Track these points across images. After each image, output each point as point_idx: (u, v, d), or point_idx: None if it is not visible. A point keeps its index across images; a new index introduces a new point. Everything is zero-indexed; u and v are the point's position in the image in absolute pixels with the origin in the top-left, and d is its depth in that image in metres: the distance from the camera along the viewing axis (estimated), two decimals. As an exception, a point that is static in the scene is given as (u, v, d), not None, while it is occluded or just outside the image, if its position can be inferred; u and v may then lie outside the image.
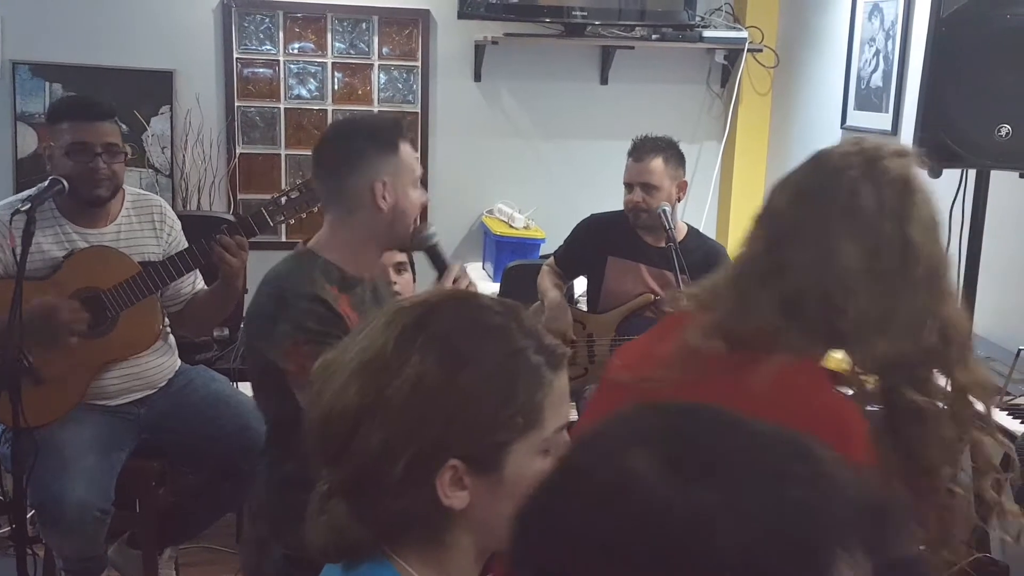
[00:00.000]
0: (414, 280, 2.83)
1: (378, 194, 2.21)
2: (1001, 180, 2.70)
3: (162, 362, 3.08)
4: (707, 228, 4.64)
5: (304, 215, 2.88)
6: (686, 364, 1.51)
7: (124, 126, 4.47)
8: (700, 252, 3.41)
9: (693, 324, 1.56)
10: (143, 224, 3.04)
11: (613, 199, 3.62)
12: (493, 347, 1.15)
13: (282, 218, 2.86)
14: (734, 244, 1.73)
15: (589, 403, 1.74)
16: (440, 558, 1.16)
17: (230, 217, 3.06)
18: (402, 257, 2.79)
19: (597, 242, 3.60)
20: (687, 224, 3.65)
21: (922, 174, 1.52)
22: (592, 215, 3.70)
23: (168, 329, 3.14)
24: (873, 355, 1.47)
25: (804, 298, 1.47)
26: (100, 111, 2.95)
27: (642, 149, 3.44)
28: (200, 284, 3.13)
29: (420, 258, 2.55)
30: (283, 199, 2.84)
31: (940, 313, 1.48)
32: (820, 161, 1.56)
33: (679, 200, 3.50)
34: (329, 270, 2.22)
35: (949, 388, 1.51)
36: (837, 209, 1.48)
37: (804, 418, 1.30)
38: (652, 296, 3.47)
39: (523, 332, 1.18)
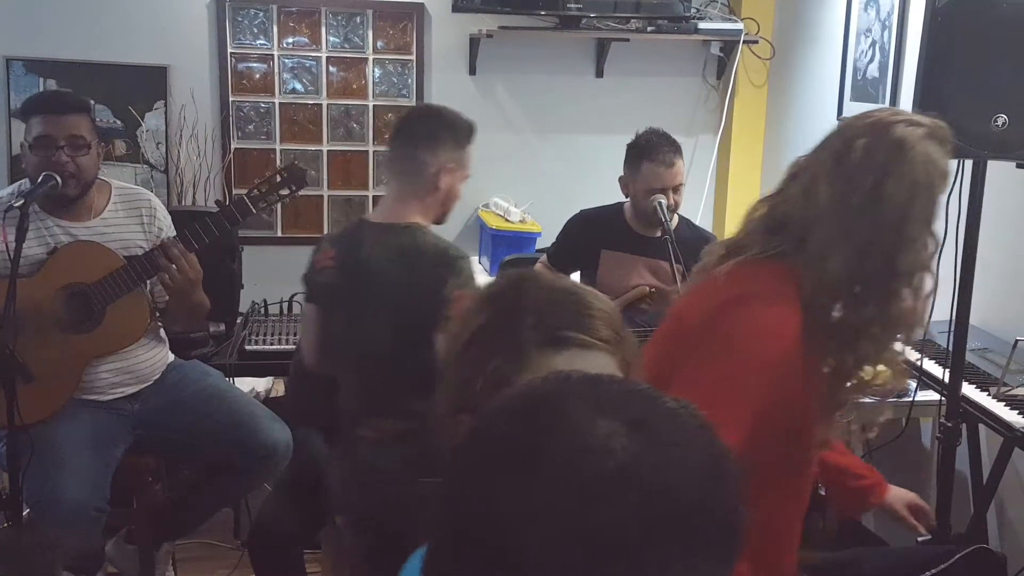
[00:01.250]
0: None
1: (441, 175, 2.65)
2: (998, 170, 2.69)
3: (152, 355, 3.06)
4: (703, 220, 4.63)
5: (287, 200, 2.87)
6: (698, 275, 1.96)
7: (119, 121, 4.49)
8: (693, 241, 3.40)
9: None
10: (130, 218, 3.02)
11: (610, 192, 3.61)
12: (481, 317, 1.25)
13: (264, 204, 2.86)
14: (730, 236, 2.01)
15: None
16: None
17: (213, 208, 3.04)
18: None
19: (590, 237, 3.58)
20: (678, 214, 3.65)
21: (928, 144, 1.79)
22: (581, 211, 3.69)
23: (159, 323, 3.12)
24: (824, 270, 1.77)
25: (788, 220, 1.84)
26: (68, 104, 2.92)
27: (667, 153, 3.37)
28: None
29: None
30: (264, 185, 2.84)
31: (901, 257, 1.77)
32: (849, 119, 1.90)
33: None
34: None
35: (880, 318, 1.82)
36: (832, 157, 1.82)
37: (738, 305, 1.78)
38: (648, 288, 3.46)
39: (524, 308, 1.22)
